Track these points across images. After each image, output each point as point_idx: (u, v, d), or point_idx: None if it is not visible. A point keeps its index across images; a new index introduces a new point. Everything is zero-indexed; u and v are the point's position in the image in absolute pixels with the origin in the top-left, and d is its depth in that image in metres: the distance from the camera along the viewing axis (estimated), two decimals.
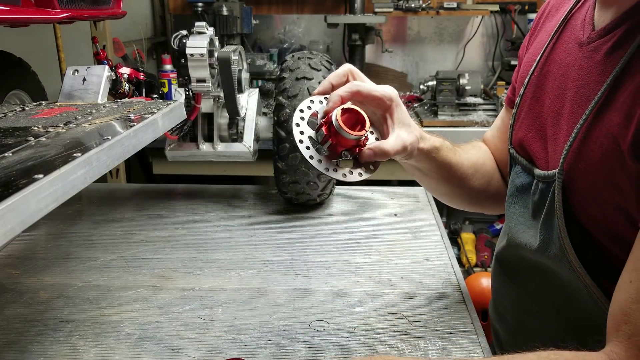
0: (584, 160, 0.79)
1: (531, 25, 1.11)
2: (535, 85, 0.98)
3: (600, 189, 0.77)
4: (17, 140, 0.91)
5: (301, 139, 0.87)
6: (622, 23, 0.79)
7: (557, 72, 0.92)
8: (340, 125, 0.83)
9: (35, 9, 1.22)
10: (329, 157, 0.86)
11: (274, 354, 1.11)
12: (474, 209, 1.27)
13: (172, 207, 1.87)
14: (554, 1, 1.06)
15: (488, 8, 3.16)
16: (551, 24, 1.01)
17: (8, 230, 0.63)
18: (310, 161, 0.85)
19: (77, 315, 1.24)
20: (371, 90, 0.91)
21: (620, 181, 0.73)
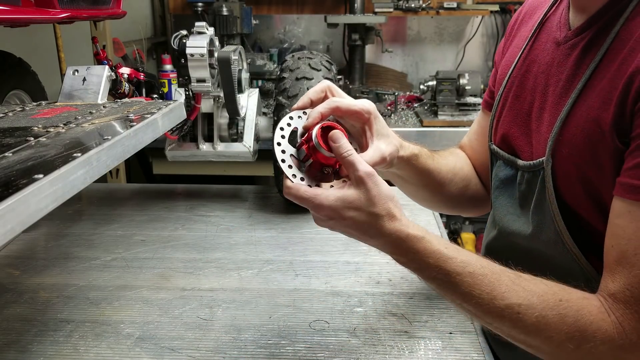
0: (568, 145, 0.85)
1: None
2: (516, 85, 1.05)
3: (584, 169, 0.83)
4: (17, 140, 0.91)
5: (283, 158, 0.88)
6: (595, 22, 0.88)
7: (537, 71, 0.99)
8: (319, 143, 0.85)
9: (35, 9, 1.22)
10: (311, 173, 0.87)
11: (274, 354, 1.11)
12: (453, 212, 1.31)
13: (172, 207, 1.87)
14: (527, 8, 1.14)
15: (488, 8, 3.16)
16: (527, 28, 1.09)
17: (8, 230, 0.63)
18: (294, 180, 0.85)
19: (77, 315, 1.24)
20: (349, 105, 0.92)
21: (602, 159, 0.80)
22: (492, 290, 0.78)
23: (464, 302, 0.81)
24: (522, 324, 0.77)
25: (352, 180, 0.83)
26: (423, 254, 0.81)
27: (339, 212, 0.82)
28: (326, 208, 0.82)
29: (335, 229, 0.86)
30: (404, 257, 0.83)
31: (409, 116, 2.73)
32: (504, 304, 0.77)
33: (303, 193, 0.83)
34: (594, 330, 0.75)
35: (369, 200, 0.81)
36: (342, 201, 0.81)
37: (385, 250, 0.85)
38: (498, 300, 0.77)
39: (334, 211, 0.82)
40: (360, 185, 0.81)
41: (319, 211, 0.83)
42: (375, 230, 0.82)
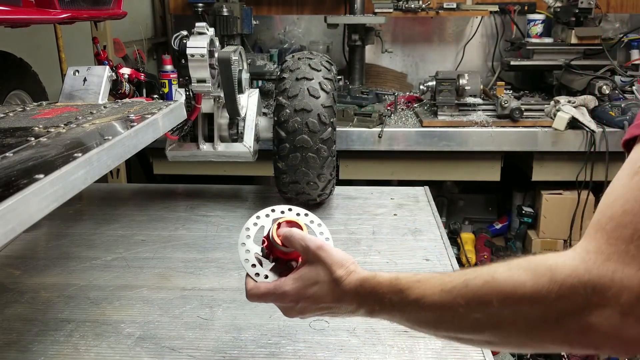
0: None
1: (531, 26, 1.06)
2: None
3: None
4: (18, 140, 0.91)
5: (247, 258, 0.89)
6: None
7: None
8: (274, 240, 0.86)
9: (36, 10, 1.23)
10: (277, 269, 0.88)
11: (274, 353, 1.11)
12: None
13: (172, 207, 1.87)
14: None
15: (487, 8, 3.15)
16: None
17: (9, 230, 0.63)
18: (257, 278, 0.87)
19: (78, 315, 1.24)
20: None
21: None
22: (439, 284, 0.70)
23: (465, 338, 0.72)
24: None
25: (304, 257, 0.83)
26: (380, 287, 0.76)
27: (302, 293, 0.81)
28: (288, 294, 0.82)
29: (305, 312, 0.84)
30: (382, 312, 0.78)
31: (409, 116, 2.73)
32: None
33: (263, 289, 0.84)
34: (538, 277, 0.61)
35: (328, 269, 0.79)
36: (301, 280, 0.81)
37: (358, 311, 0.80)
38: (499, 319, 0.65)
39: (297, 293, 0.81)
40: (314, 260, 0.81)
41: (283, 300, 0.83)
42: (340, 296, 0.79)
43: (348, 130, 2.52)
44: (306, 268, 0.82)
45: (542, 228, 2.70)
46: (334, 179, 1.78)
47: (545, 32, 3.04)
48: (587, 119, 2.44)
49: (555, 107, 2.49)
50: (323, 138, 1.61)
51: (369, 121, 2.55)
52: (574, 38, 2.78)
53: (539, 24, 3.04)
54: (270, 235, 0.88)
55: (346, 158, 2.56)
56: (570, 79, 2.70)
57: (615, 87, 2.59)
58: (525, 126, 2.52)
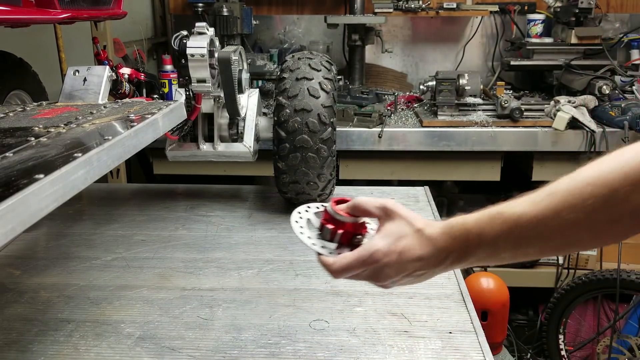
0: None
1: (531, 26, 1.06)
2: None
3: None
4: (18, 140, 0.91)
5: (313, 242, 0.89)
6: None
7: None
8: (338, 213, 0.86)
9: (36, 10, 1.23)
10: (343, 249, 0.88)
11: (274, 353, 1.11)
12: None
13: (172, 207, 1.87)
14: None
15: (487, 8, 3.15)
16: None
17: (9, 230, 0.63)
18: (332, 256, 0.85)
19: (78, 315, 1.24)
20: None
21: None
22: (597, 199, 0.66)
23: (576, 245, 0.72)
24: None
25: (381, 215, 0.83)
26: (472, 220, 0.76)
27: (394, 247, 0.80)
28: (380, 251, 0.81)
29: (398, 273, 0.82)
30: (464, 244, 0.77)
31: (409, 116, 2.73)
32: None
33: (350, 257, 0.82)
34: None
35: (409, 222, 0.80)
36: (388, 236, 0.81)
37: (448, 258, 0.79)
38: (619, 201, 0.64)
39: (389, 248, 0.80)
40: (392, 215, 0.81)
41: (375, 260, 0.81)
42: (429, 244, 0.79)
43: (348, 130, 2.52)
44: (389, 224, 0.82)
45: None
46: (334, 179, 1.78)
47: (545, 32, 3.04)
48: (587, 119, 2.44)
49: (555, 107, 2.49)
50: (323, 138, 1.61)
51: (369, 121, 2.55)
52: (574, 38, 2.78)
53: (539, 24, 3.04)
54: (333, 212, 0.87)
55: (346, 158, 2.56)
56: (570, 79, 2.70)
57: (615, 87, 2.59)
58: (525, 126, 2.52)
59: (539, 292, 2.80)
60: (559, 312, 2.53)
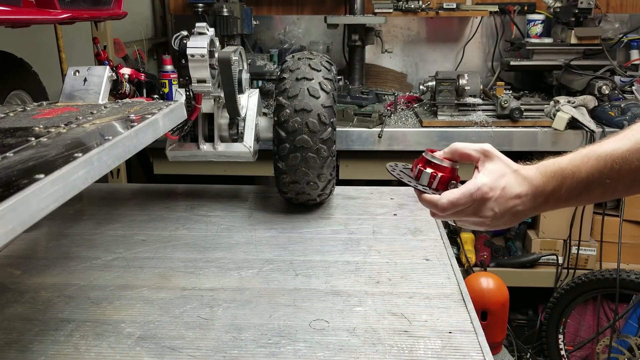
0: None
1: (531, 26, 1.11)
2: None
3: None
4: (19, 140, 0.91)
5: (414, 185, 0.94)
6: None
7: None
8: (439, 158, 0.93)
9: (37, 10, 1.23)
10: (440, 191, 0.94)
11: (274, 352, 1.11)
12: None
13: (172, 207, 1.87)
14: None
15: (487, 9, 3.15)
16: None
17: (9, 230, 0.63)
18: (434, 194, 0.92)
19: (78, 315, 1.25)
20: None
21: None
22: None
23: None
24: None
25: (481, 157, 0.89)
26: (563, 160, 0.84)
27: (497, 183, 0.86)
28: (486, 185, 0.87)
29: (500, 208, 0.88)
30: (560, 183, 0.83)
31: (409, 116, 2.73)
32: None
33: (457, 193, 0.88)
34: None
35: (506, 164, 0.87)
36: (491, 173, 0.87)
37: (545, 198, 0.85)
38: None
39: (493, 183, 0.87)
40: (491, 157, 0.88)
41: (482, 194, 0.87)
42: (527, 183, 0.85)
43: (348, 130, 2.52)
44: (489, 164, 0.88)
45: (542, 228, 2.71)
46: (334, 179, 1.78)
47: (545, 32, 3.04)
48: (587, 119, 2.44)
49: (555, 107, 2.49)
50: (323, 138, 1.61)
51: (369, 121, 2.55)
52: (573, 38, 2.78)
53: (538, 24, 3.04)
54: (431, 157, 0.93)
55: (346, 158, 2.56)
56: (570, 79, 2.70)
57: (615, 87, 2.60)
58: (525, 126, 2.52)
59: (538, 292, 2.80)
60: (559, 312, 2.54)
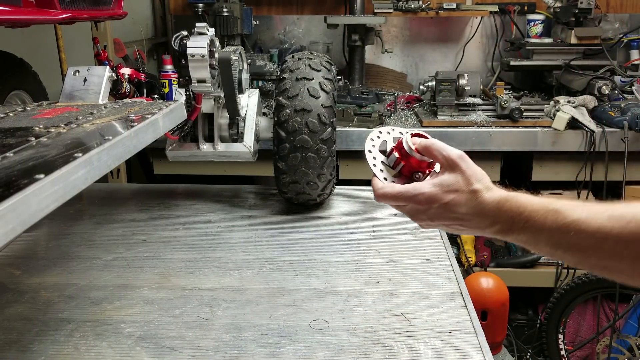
0: None
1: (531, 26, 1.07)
2: None
3: None
4: (19, 140, 0.91)
5: (374, 163, 0.92)
6: None
7: None
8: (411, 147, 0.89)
9: (37, 10, 1.23)
10: (402, 179, 0.92)
11: (274, 353, 1.11)
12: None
13: (172, 207, 1.87)
14: None
15: (487, 9, 3.15)
16: None
17: (9, 230, 0.63)
18: (385, 182, 0.89)
19: (78, 315, 1.25)
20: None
21: None
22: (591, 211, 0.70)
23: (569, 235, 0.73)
24: None
25: (444, 165, 0.84)
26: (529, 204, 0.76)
27: (440, 197, 0.82)
28: (425, 195, 0.82)
29: (435, 219, 0.85)
30: (509, 221, 0.78)
31: (409, 116, 2.73)
32: None
33: (398, 188, 0.85)
34: None
35: (467, 180, 0.81)
36: (440, 186, 0.82)
37: (491, 228, 0.81)
38: None
39: (434, 196, 0.82)
40: (454, 168, 0.82)
41: (417, 201, 0.83)
42: (477, 207, 0.80)
43: (348, 130, 2.52)
44: (446, 175, 0.83)
45: None
46: (334, 179, 1.78)
47: (545, 33, 3.04)
48: (587, 119, 2.44)
49: (554, 107, 2.49)
50: (323, 138, 1.61)
51: (369, 121, 2.55)
52: (573, 38, 2.78)
53: (538, 24, 3.04)
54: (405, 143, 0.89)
55: (346, 158, 2.56)
56: (569, 79, 2.70)
57: (615, 87, 2.59)
58: (525, 126, 2.52)
59: (538, 291, 2.80)
60: (559, 312, 2.53)
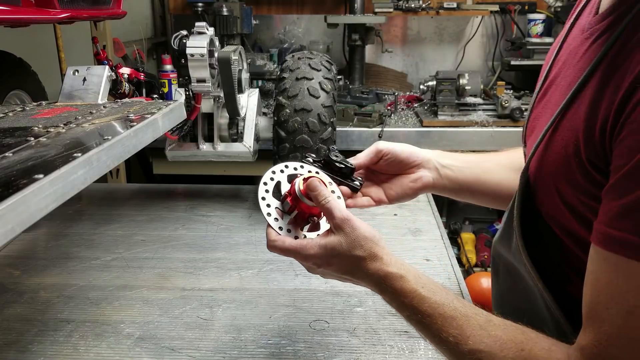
0: (550, 150, 0.75)
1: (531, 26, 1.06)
2: (549, 77, 0.89)
3: (557, 180, 0.74)
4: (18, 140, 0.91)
5: (269, 212, 0.90)
6: (618, 8, 0.70)
7: (562, 61, 0.83)
8: (302, 193, 0.87)
9: (36, 9, 1.22)
10: (298, 224, 0.90)
11: (274, 353, 1.11)
12: None
13: (172, 207, 1.87)
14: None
15: (488, 8, 3.15)
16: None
17: (8, 230, 0.63)
18: (280, 232, 0.88)
19: (78, 315, 1.24)
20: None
21: (576, 176, 0.69)
22: (459, 333, 0.75)
23: (434, 343, 0.79)
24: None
25: (331, 227, 0.84)
26: (400, 293, 0.80)
27: (325, 260, 0.83)
28: (312, 257, 0.84)
29: (326, 276, 0.88)
30: (386, 296, 0.83)
31: (409, 116, 2.72)
32: (467, 349, 0.74)
33: (288, 245, 0.85)
34: None
35: (350, 245, 0.81)
36: (325, 249, 0.83)
37: (373, 290, 0.85)
38: (462, 345, 0.74)
39: (320, 259, 0.83)
40: (339, 232, 0.82)
41: (306, 261, 0.85)
42: (360, 272, 0.83)
43: (348, 130, 2.52)
44: (331, 237, 0.83)
45: None
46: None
47: (545, 32, 3.04)
48: None
49: None
50: (323, 138, 1.61)
51: (369, 121, 2.55)
52: None
53: (539, 24, 3.04)
54: (297, 189, 0.88)
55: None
56: None
57: None
58: None
59: None
60: None
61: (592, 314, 0.66)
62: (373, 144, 1.03)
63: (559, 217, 0.74)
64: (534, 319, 0.78)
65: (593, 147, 0.66)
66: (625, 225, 0.60)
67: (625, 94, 0.61)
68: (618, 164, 0.61)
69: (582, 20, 0.82)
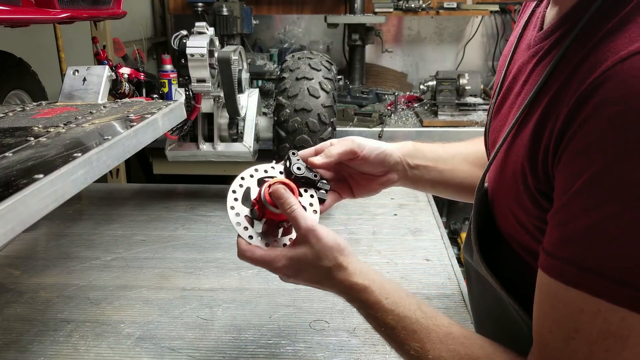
0: (503, 173, 0.74)
1: None
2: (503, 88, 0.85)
3: (510, 204, 0.73)
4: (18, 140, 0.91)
5: (238, 221, 0.89)
6: (562, 26, 0.68)
7: (512, 75, 0.81)
8: (267, 201, 0.86)
9: (36, 9, 1.22)
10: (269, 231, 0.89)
11: (274, 353, 1.11)
12: None
13: (172, 207, 1.87)
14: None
15: (488, 8, 3.15)
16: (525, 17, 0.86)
17: (8, 230, 0.63)
18: (250, 241, 0.87)
19: (78, 315, 1.24)
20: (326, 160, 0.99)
21: (527, 203, 0.69)
22: (420, 347, 0.76)
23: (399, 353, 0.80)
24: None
25: (297, 237, 0.84)
26: (365, 304, 0.80)
27: (294, 271, 0.84)
28: (281, 269, 0.84)
29: (299, 284, 0.88)
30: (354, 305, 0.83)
31: (409, 116, 2.73)
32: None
33: (258, 257, 0.85)
34: None
35: (315, 256, 0.81)
36: (291, 261, 0.83)
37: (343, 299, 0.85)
38: (423, 358, 0.75)
39: (289, 270, 0.84)
40: (304, 243, 0.82)
41: (277, 272, 0.86)
42: (328, 282, 0.83)
43: (348, 130, 2.52)
44: (297, 249, 0.83)
45: None
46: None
47: None
48: None
49: None
50: (323, 138, 1.61)
51: (369, 121, 2.55)
52: None
53: None
54: (262, 197, 0.87)
55: None
56: None
57: None
58: None
59: None
60: None
61: (538, 336, 0.67)
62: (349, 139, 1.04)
63: (516, 235, 0.75)
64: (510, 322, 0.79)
65: (537, 176, 0.66)
66: (563, 253, 0.61)
67: (561, 127, 0.61)
68: (558, 192, 0.62)
69: (528, 34, 0.79)
